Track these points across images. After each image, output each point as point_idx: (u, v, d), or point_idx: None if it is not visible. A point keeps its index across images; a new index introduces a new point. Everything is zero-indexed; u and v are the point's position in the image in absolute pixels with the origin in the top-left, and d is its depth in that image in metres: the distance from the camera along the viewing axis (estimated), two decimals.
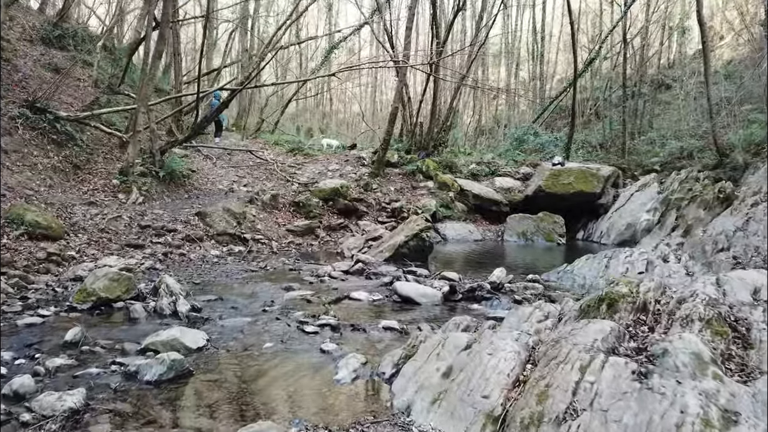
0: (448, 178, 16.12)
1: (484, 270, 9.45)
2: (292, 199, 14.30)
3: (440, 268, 9.44)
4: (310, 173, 16.46)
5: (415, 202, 15.11)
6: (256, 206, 13.31)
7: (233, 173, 16.14)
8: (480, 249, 12.92)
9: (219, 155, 18.03)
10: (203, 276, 8.36)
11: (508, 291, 6.99)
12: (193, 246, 10.69)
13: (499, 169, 18.77)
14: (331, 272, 8.34)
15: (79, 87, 16.26)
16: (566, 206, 14.94)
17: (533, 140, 23.40)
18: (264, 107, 29.81)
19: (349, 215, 14.49)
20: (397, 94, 15.65)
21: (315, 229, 13.37)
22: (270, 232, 12.58)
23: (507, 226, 14.55)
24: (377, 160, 16.27)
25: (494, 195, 15.64)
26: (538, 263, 10.83)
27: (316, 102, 39.83)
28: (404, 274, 7.95)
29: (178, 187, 13.56)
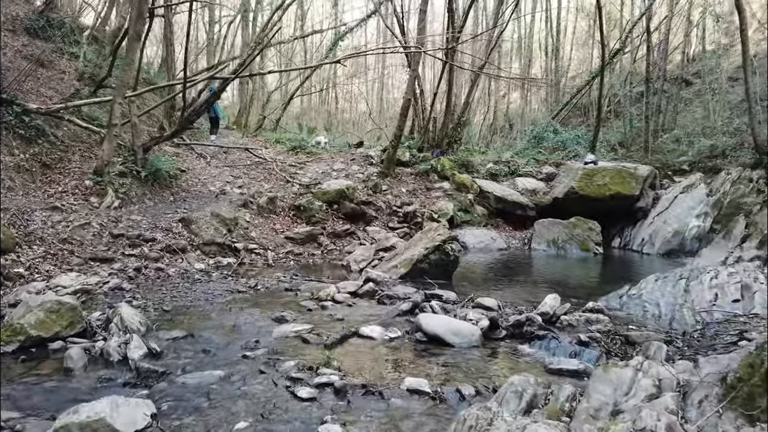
0: (466, 179, 14.49)
1: (522, 289, 7.87)
2: (292, 202, 12.71)
3: (468, 288, 7.84)
4: (312, 173, 14.87)
5: (429, 206, 13.49)
6: (250, 211, 11.73)
7: (228, 173, 14.58)
8: (507, 260, 11.29)
9: (214, 154, 16.53)
10: (178, 299, 6.77)
11: (566, 325, 5.35)
12: (174, 258, 9.12)
13: (519, 169, 17.16)
14: (335, 294, 6.73)
15: (63, 80, 14.81)
16: (600, 210, 13.28)
17: (553, 138, 21.76)
18: (265, 104, 28.33)
19: (356, 220, 12.89)
20: (409, 85, 14.03)
21: (317, 237, 11.78)
22: (266, 240, 11.00)
23: (535, 232, 12.89)
24: (387, 158, 14.67)
25: (519, 197, 13.99)
26: (581, 280, 9.22)
27: (321, 99, 38.37)
28: (426, 298, 6.33)
29: (163, 188, 12.00)
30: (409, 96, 14.12)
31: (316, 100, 38.79)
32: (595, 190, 13.35)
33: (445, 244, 7.77)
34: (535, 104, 37.84)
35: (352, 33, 23.72)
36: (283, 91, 30.88)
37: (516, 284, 8.48)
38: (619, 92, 31.16)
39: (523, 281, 8.86)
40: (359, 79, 35.24)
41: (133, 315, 5.31)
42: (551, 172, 16.95)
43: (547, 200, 14.10)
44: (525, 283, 8.70)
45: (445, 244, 7.76)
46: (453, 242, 8.00)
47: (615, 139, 27.51)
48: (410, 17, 20.60)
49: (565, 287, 8.26)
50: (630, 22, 23.33)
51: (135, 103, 11.91)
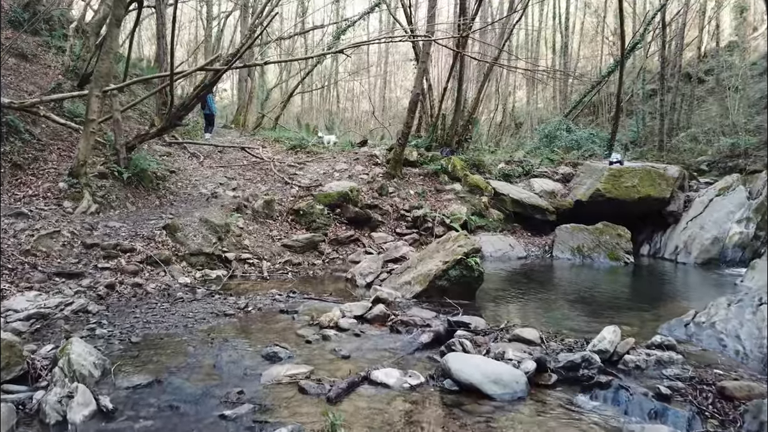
0: (479, 180, 13.37)
1: (560, 311, 6.76)
2: (291, 205, 11.60)
3: (494, 309, 6.73)
4: (313, 174, 13.76)
5: (441, 210, 12.36)
6: (244, 216, 10.62)
7: (221, 174, 13.48)
8: (529, 271, 10.16)
9: (208, 153, 15.45)
10: (153, 325, 5.66)
11: (632, 368, 4.23)
12: (156, 271, 8.01)
13: (533, 169, 16.06)
14: (339, 320, 5.61)
15: (47, 75, 13.79)
16: (627, 215, 12.15)
17: (566, 137, 20.61)
18: (264, 101, 27.26)
19: (361, 226, 11.79)
20: (418, 77, 12.89)
21: (318, 244, 10.68)
22: (260, 248, 9.89)
23: (556, 239, 11.75)
24: (393, 158, 13.55)
25: (537, 200, 12.84)
26: (620, 296, 8.10)
27: (323, 97, 37.31)
28: (450, 326, 5.21)
29: (149, 191, 10.90)
30: (418, 90, 12.98)
31: (317, 99, 37.77)
32: (623, 193, 12.20)
33: (467, 257, 6.65)
34: (540, 103, 36.79)
35: (355, 27, 22.52)
36: (283, 89, 29.84)
37: (549, 303, 7.34)
38: (629, 89, 30.18)
39: (555, 298, 7.72)
40: (361, 76, 34.12)
41: (86, 354, 4.20)
42: (568, 172, 15.86)
43: (568, 203, 12.95)
44: (558, 301, 7.56)
45: (467, 258, 6.64)
46: (477, 255, 6.87)
47: (627, 137, 26.46)
48: (418, 7, 19.41)
49: (606, 307, 7.14)
50: (649, 14, 22.11)
51: (117, 97, 10.80)
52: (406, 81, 43.97)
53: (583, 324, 6.04)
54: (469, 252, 6.71)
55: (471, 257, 6.69)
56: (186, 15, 35.05)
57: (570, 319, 6.26)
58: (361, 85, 35.32)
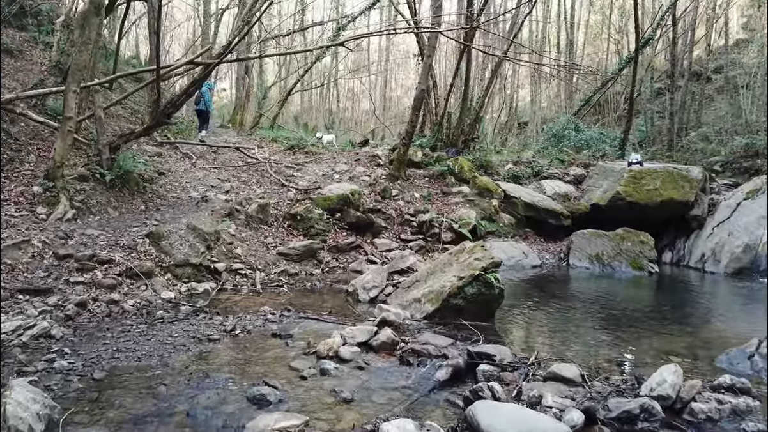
0: (489, 182, 12.56)
1: (594, 336, 5.95)
2: (287, 210, 10.81)
3: (517, 332, 5.93)
4: (311, 176, 12.95)
5: (448, 214, 11.56)
6: (236, 221, 9.82)
7: (214, 176, 12.68)
8: (547, 283, 9.35)
9: (202, 154, 14.67)
10: (124, 354, 4.86)
11: (703, 420, 3.42)
12: (136, 285, 7.21)
13: (543, 171, 15.29)
14: (339, 348, 4.81)
15: (32, 71, 13.01)
16: (648, 219, 11.33)
17: (575, 136, 19.82)
18: (262, 100, 26.46)
19: (363, 231, 10.99)
20: (424, 72, 12.07)
21: (317, 252, 9.88)
22: (254, 257, 9.09)
23: (573, 246, 10.94)
24: (397, 158, 12.75)
25: (551, 204, 12.03)
26: (654, 314, 7.26)
27: (322, 96, 36.50)
28: (471, 357, 4.41)
29: (133, 195, 10.10)
30: (424, 86, 12.16)
31: (317, 98, 36.98)
32: (644, 196, 11.38)
33: (486, 272, 5.84)
34: (544, 102, 36.00)
35: (355, 24, 21.73)
36: (282, 87, 29.03)
37: (576, 323, 6.51)
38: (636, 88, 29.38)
39: (582, 317, 6.90)
40: (362, 74, 33.33)
41: (28, 403, 3.40)
42: (579, 173, 15.09)
43: (584, 207, 12.14)
44: (586, 320, 6.74)
45: (486, 273, 5.83)
46: (496, 270, 6.06)
47: (635, 137, 25.68)
48: (421, 0, 18.57)
49: (641, 327, 6.32)
50: (662, 8, 21.31)
51: (100, 93, 10.00)
52: (407, 80, 43.17)
53: (622, 349, 5.25)
54: (488, 266, 5.90)
55: (490, 272, 5.88)
56: (184, 13, 34.34)
57: (605, 345, 5.45)
58: (361, 83, 34.51)
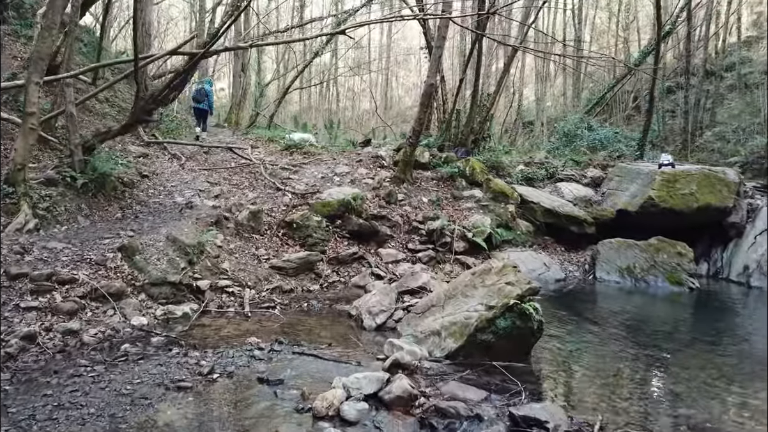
0: (504, 186, 11.48)
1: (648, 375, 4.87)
2: (283, 217, 9.73)
3: (561, 376, 4.86)
4: (309, 178, 11.86)
5: (460, 221, 10.47)
6: (224, 230, 8.74)
7: (203, 179, 11.60)
8: (575, 300, 8.26)
9: (192, 154, 13.61)
10: (63, 415, 3.79)
11: None
12: (102, 310, 6.14)
13: (557, 172, 14.21)
14: (341, 403, 3.75)
15: (11, 66, 11.98)
16: (682, 227, 10.25)
17: (588, 135, 18.74)
18: (259, 98, 25.40)
19: (366, 240, 9.92)
20: (433, 65, 10.92)
21: (315, 264, 8.81)
22: (243, 272, 8.00)
23: (600, 257, 9.85)
24: (403, 159, 11.66)
25: (573, 210, 10.93)
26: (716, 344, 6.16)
27: (322, 95, 35.46)
28: (514, 422, 3.33)
29: (110, 201, 9.03)
30: (433, 80, 11.03)
31: (317, 98, 35.96)
32: (680, 202, 10.27)
33: (523, 301, 4.75)
34: (548, 101, 34.98)
35: (356, 18, 20.59)
36: (280, 85, 27.98)
37: (630, 363, 5.33)
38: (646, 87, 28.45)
39: (634, 351, 5.76)
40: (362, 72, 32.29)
41: None
42: (597, 175, 14.05)
43: (609, 213, 11.04)
44: (638, 356, 5.61)
45: (523, 303, 4.74)
46: (535, 297, 4.96)
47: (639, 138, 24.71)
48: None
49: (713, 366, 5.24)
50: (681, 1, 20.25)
51: (72, 86, 8.91)
52: (408, 79, 42.16)
53: (706, 407, 4.17)
54: (525, 293, 4.81)
55: (526, 300, 4.80)
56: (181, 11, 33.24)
57: (680, 400, 4.36)
58: (362, 80, 33.47)
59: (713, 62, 27.71)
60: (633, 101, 29.98)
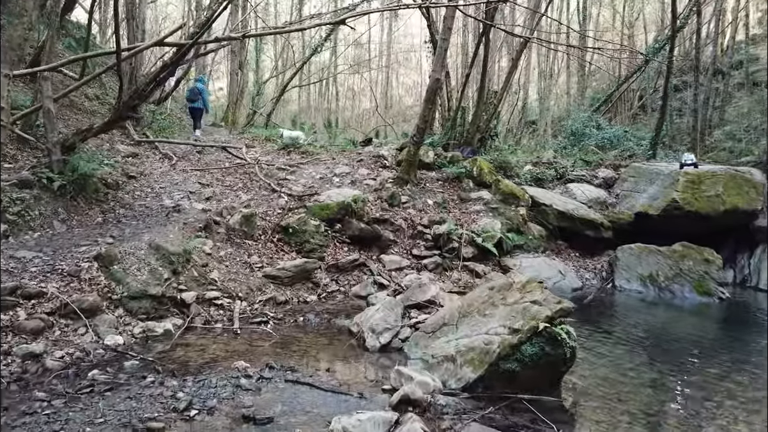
0: (514, 187, 10.80)
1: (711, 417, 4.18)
2: (278, 221, 9.04)
3: (599, 413, 4.17)
4: (307, 179, 11.18)
5: (468, 224, 9.79)
6: (214, 236, 8.06)
7: (194, 180, 10.91)
8: (597, 313, 7.55)
9: (185, 154, 12.93)
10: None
11: None
12: (72, 328, 5.47)
13: (567, 173, 13.53)
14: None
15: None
16: (706, 231, 9.57)
17: (597, 134, 18.07)
18: (256, 96, 24.74)
19: (368, 246, 9.25)
20: (439, 58, 10.17)
21: (312, 273, 8.13)
22: (234, 282, 7.32)
23: (618, 264, 9.18)
24: (406, 159, 10.99)
25: (588, 213, 10.24)
26: None
27: (321, 94, 34.77)
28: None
29: (91, 204, 8.34)
30: (439, 74, 10.32)
31: (316, 97, 35.30)
32: (705, 204, 9.57)
33: (553, 324, 4.08)
34: (552, 100, 34.31)
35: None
36: (279, 82, 27.29)
37: (680, 395, 4.71)
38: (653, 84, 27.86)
39: (676, 376, 5.09)
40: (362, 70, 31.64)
41: None
42: (609, 176, 13.39)
43: (626, 217, 10.34)
44: (690, 384, 4.90)
45: (553, 326, 4.07)
46: (566, 317, 4.28)
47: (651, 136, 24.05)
48: None
49: None
50: None
51: (49, 80, 8.23)
52: (408, 77, 41.47)
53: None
54: (555, 314, 4.14)
55: (557, 323, 4.13)
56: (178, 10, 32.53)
57: None
58: (363, 78, 32.81)
59: (720, 60, 27.11)
60: (638, 100, 29.35)
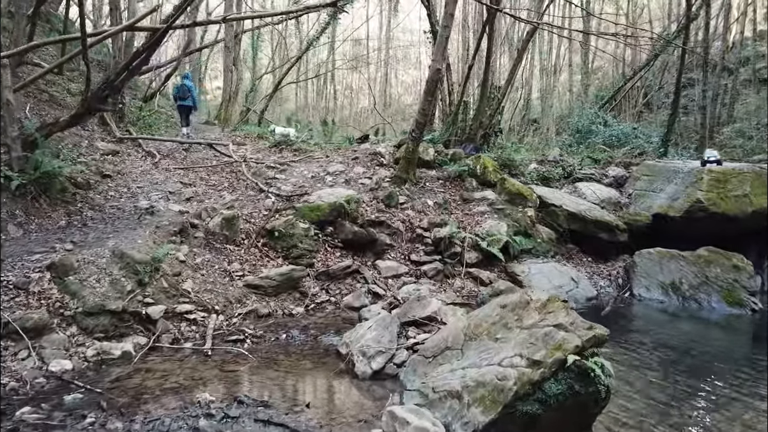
0: (521, 187, 10.00)
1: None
2: (264, 223, 8.24)
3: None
4: (298, 178, 10.38)
5: (472, 227, 8.99)
6: (191, 241, 7.27)
7: (176, 179, 10.12)
8: (619, 327, 6.71)
9: (170, 152, 12.18)
10: None
11: None
12: (11, 352, 4.69)
13: (575, 171, 12.73)
14: None
15: None
16: (731, 234, 8.76)
17: (604, 131, 17.31)
18: (250, 93, 23.97)
19: (362, 251, 8.46)
20: (439, 47, 9.30)
21: (300, 281, 7.35)
22: (211, 293, 6.53)
23: (636, 270, 8.37)
24: (404, 157, 10.19)
25: (602, 214, 9.44)
26: None
27: (318, 91, 33.94)
28: None
29: (55, 206, 7.55)
30: (440, 65, 9.48)
31: (313, 95, 34.47)
32: (732, 205, 8.74)
33: (583, 356, 3.28)
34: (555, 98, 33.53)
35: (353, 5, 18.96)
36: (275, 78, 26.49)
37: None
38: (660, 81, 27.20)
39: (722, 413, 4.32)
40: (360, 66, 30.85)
41: None
42: (620, 174, 12.62)
43: (644, 218, 9.54)
44: (740, 419, 4.16)
45: (584, 358, 3.27)
46: (600, 347, 3.48)
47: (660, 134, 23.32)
48: None
49: None
50: None
51: (8, 67, 7.42)
52: (407, 75, 40.64)
53: None
54: (586, 344, 3.35)
55: (586, 354, 3.33)
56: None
57: None
58: (361, 75, 32.04)
59: (727, 57, 26.44)
60: (643, 97, 28.69)
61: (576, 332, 3.44)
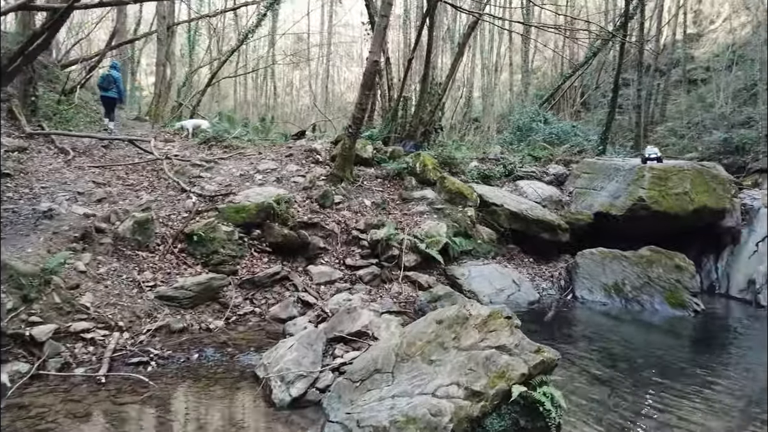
0: (461, 185, 9.60)
1: None
2: (182, 227, 7.46)
3: None
4: (225, 177, 9.61)
5: (410, 228, 8.50)
6: (96, 248, 6.44)
7: (90, 178, 9.14)
8: (562, 334, 6.39)
9: (87, 149, 11.14)
10: None
11: None
12: None
13: (516, 169, 12.51)
14: None
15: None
16: (671, 233, 8.65)
17: (544, 129, 17.28)
18: (183, 87, 22.78)
19: (293, 255, 7.82)
20: (377, 38, 8.71)
21: (220, 291, 6.65)
22: (115, 307, 5.74)
23: (579, 271, 8.10)
24: (341, 154, 9.60)
25: (544, 214, 9.16)
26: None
27: (258, 89, 32.81)
28: None
29: None
30: (377, 56, 8.94)
31: (253, 93, 33.32)
32: (674, 203, 8.61)
33: (530, 386, 2.78)
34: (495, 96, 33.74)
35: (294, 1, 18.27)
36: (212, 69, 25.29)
37: None
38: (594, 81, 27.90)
39: None
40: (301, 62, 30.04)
41: None
42: (560, 172, 12.53)
43: (585, 217, 9.33)
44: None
45: (529, 389, 2.78)
46: (548, 373, 3.01)
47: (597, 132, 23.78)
48: None
49: None
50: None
51: None
52: (349, 73, 40.00)
53: None
54: (534, 371, 2.87)
55: (536, 384, 2.86)
56: None
57: None
58: (302, 70, 31.20)
59: (659, 59, 27.38)
60: (581, 97, 29.32)
61: (522, 356, 2.98)
